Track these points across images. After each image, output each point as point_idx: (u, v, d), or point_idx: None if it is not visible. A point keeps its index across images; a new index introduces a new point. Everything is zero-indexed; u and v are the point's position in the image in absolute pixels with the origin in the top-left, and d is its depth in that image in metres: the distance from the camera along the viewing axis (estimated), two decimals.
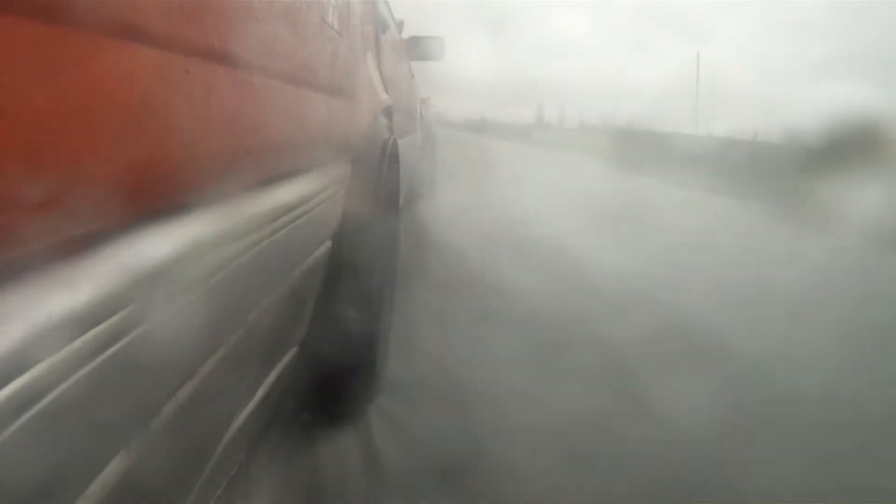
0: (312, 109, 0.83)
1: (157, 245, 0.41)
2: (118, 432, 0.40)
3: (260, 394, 0.79)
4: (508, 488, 1.00)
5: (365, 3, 1.43)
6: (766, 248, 3.35)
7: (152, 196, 0.41)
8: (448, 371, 1.43)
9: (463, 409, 1.24)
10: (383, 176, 1.25)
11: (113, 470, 0.38)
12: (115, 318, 0.36)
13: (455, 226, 3.25)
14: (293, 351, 0.96)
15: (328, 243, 0.99)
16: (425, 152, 3.51)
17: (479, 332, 1.71)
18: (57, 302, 0.31)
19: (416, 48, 3.26)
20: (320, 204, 0.85)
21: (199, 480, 0.61)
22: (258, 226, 0.59)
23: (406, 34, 3.13)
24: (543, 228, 3.16)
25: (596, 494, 0.99)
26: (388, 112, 1.51)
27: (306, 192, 0.76)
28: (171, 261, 0.42)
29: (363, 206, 1.10)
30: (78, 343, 0.33)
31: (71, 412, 0.33)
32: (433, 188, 3.91)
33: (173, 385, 0.47)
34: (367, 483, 1.02)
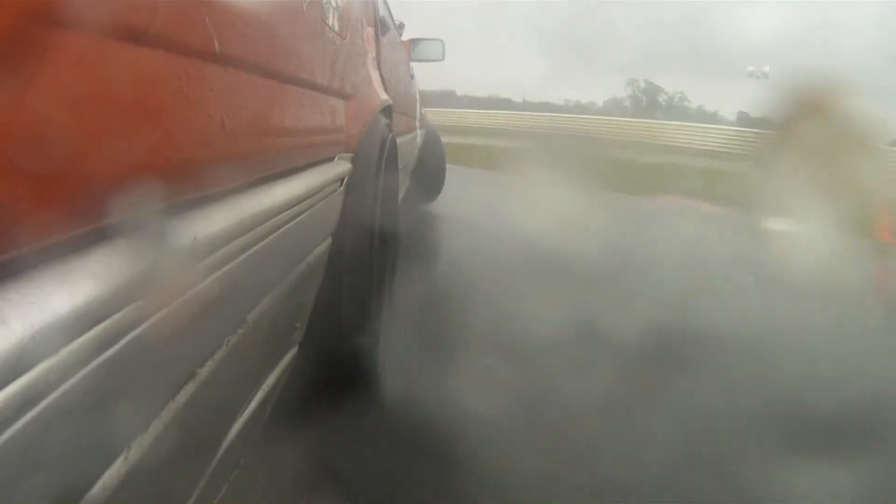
0: (313, 109, 0.83)
1: (157, 244, 0.41)
2: (119, 434, 0.40)
3: (260, 394, 0.79)
4: None
5: (365, 6, 1.43)
6: None
7: (153, 195, 0.41)
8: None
9: None
10: (382, 175, 1.25)
11: (115, 472, 0.38)
12: (114, 318, 0.36)
13: None
14: (293, 351, 0.96)
15: (328, 241, 0.99)
16: (428, 152, 3.48)
17: None
18: (57, 302, 0.31)
19: (417, 50, 3.28)
20: (320, 202, 0.85)
21: (200, 481, 0.60)
22: (258, 224, 0.59)
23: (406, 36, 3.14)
24: None
25: None
26: (388, 112, 1.51)
27: (306, 191, 0.76)
28: (171, 260, 0.42)
29: (363, 204, 1.10)
30: (78, 343, 0.32)
31: (71, 414, 0.33)
32: (437, 192, 3.83)
33: (174, 386, 0.47)
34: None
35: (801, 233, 3.42)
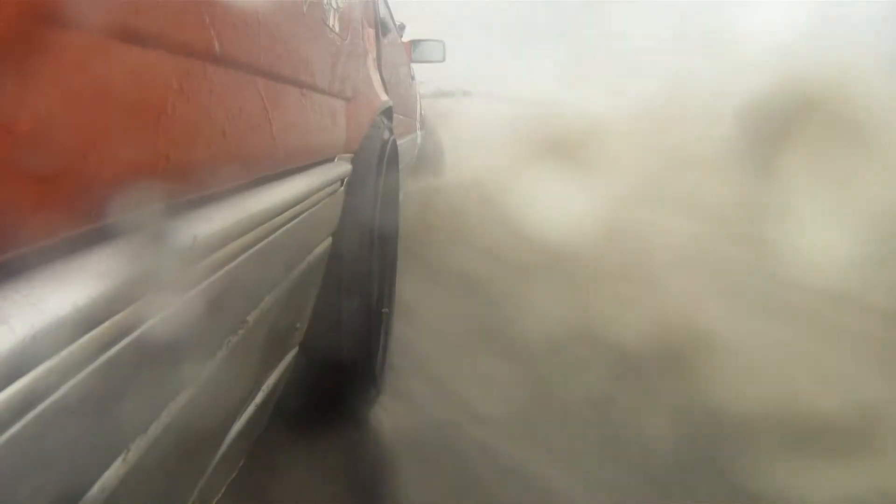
0: (314, 110, 0.83)
1: (157, 245, 0.41)
2: (118, 435, 0.40)
3: (260, 395, 0.79)
4: None
5: (366, 7, 1.44)
6: None
7: (153, 195, 0.41)
8: None
9: None
10: (382, 176, 1.25)
11: (113, 473, 0.38)
12: (115, 319, 0.36)
13: None
14: (293, 351, 0.96)
15: (328, 242, 0.99)
16: (427, 153, 3.50)
17: None
18: (57, 302, 0.31)
19: (417, 51, 3.29)
20: (320, 203, 0.85)
21: (199, 483, 0.60)
22: (258, 225, 0.59)
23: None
24: None
25: None
26: (389, 113, 1.51)
27: (306, 192, 0.76)
28: (171, 260, 0.42)
29: (363, 205, 1.10)
30: (77, 344, 0.32)
31: (70, 415, 0.32)
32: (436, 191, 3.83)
33: (174, 387, 0.47)
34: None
35: None
